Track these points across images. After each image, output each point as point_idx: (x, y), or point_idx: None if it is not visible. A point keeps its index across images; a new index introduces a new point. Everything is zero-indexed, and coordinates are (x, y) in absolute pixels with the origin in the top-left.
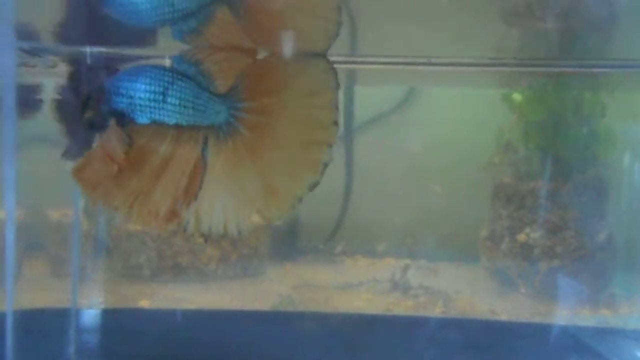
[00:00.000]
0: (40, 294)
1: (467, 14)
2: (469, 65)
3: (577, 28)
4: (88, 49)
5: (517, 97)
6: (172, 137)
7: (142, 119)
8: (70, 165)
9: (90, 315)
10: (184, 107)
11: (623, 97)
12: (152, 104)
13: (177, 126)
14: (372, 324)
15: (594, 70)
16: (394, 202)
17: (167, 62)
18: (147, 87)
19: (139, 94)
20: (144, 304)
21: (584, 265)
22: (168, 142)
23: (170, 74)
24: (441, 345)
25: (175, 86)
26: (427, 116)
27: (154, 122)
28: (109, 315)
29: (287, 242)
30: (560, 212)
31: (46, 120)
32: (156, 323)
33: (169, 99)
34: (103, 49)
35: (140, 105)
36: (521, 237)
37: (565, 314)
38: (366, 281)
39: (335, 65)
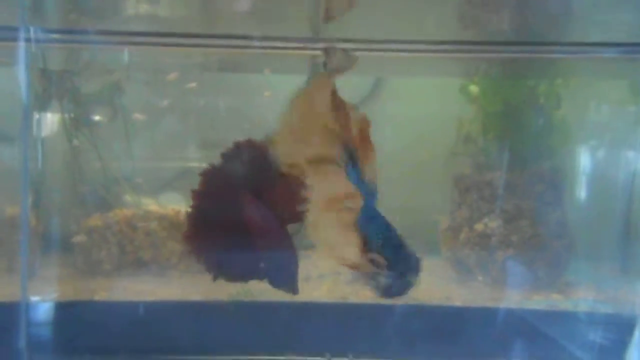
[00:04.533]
0: None
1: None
2: (428, 51)
3: (532, 15)
4: None
5: (474, 88)
6: None
7: None
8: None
9: (42, 308)
10: None
11: (578, 88)
12: None
13: None
14: (326, 313)
15: (550, 55)
16: None
17: None
18: None
19: None
20: (101, 297)
21: (539, 254)
22: None
23: None
24: (395, 329)
25: None
26: (390, 109)
27: None
28: (61, 308)
29: None
30: (516, 202)
31: None
32: (110, 315)
33: None
34: None
35: None
36: (479, 226)
37: (519, 299)
38: (328, 273)
39: (297, 51)
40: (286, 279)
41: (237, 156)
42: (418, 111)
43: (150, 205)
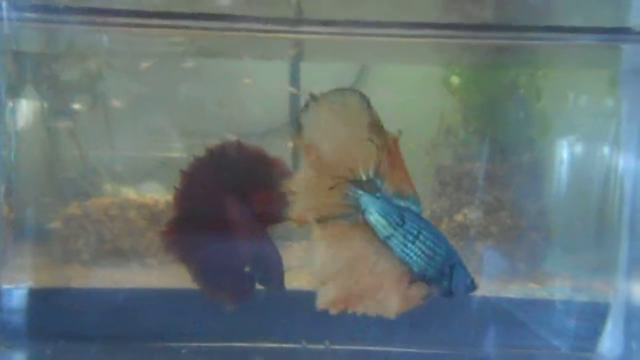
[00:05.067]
0: None
1: None
2: (411, 36)
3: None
4: None
5: (455, 80)
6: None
7: None
8: None
9: (16, 295)
10: None
11: (558, 80)
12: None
13: None
14: (303, 300)
15: (530, 42)
16: None
17: None
18: None
19: None
20: (78, 284)
21: (518, 245)
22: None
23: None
24: (371, 317)
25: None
26: (375, 98)
27: None
28: (35, 295)
29: None
30: (496, 193)
31: None
32: (86, 302)
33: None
34: None
35: None
36: (459, 217)
37: (496, 289)
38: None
39: (281, 35)
40: (273, 278)
41: (223, 156)
42: (402, 100)
43: (129, 194)
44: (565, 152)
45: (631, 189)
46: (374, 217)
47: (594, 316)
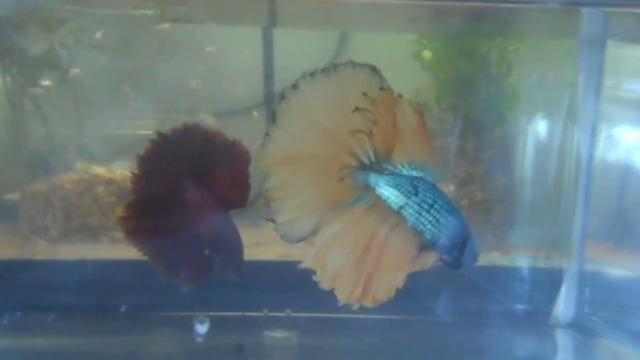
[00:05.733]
0: None
1: None
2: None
3: None
4: None
5: (427, 54)
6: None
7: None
8: None
9: None
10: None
11: (528, 55)
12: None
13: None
14: (266, 270)
15: (498, 4)
16: None
17: None
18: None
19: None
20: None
21: (486, 217)
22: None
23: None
24: None
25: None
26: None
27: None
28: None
29: None
30: (467, 167)
31: None
32: (46, 275)
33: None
34: None
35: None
36: None
37: None
38: (280, 239)
39: None
40: (232, 263)
41: (181, 139)
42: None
43: (98, 169)
44: (532, 127)
45: (586, 162)
46: (385, 190)
47: (550, 282)
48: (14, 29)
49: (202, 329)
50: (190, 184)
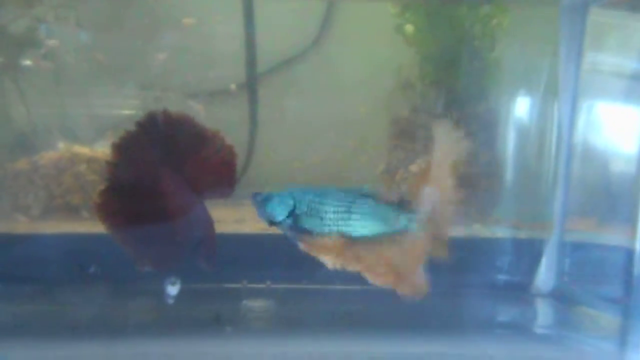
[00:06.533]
0: None
1: None
2: None
3: None
4: None
5: (409, 28)
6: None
7: (330, 234)
8: None
9: None
10: (367, 220)
11: (512, 29)
12: (340, 221)
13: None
14: (246, 243)
15: None
16: (297, 145)
17: None
18: (334, 209)
19: (327, 214)
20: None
21: (470, 191)
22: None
23: (351, 194)
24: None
25: (356, 204)
26: (334, 55)
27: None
28: None
29: None
30: None
31: None
32: (25, 248)
33: (353, 216)
34: None
35: (329, 224)
36: (413, 167)
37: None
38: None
39: None
40: (204, 254)
41: (152, 127)
42: (361, 55)
43: (80, 148)
44: (516, 102)
45: (566, 134)
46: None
47: (531, 253)
48: None
49: (173, 290)
50: (165, 172)
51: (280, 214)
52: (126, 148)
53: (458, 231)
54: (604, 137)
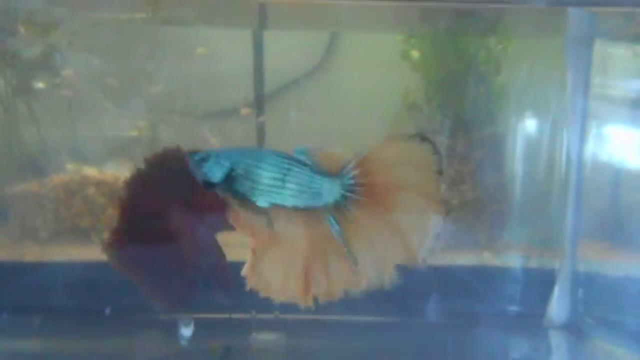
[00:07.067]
0: None
1: None
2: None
3: None
4: None
5: (415, 54)
6: (299, 219)
7: (263, 203)
8: None
9: None
10: (301, 191)
11: (516, 54)
12: (273, 189)
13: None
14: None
15: (487, 5)
16: None
17: None
18: (269, 174)
19: (262, 179)
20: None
21: (478, 217)
22: (295, 224)
23: (288, 160)
24: None
25: (292, 172)
26: (339, 79)
27: (274, 205)
28: None
29: None
30: (458, 166)
31: None
32: (35, 276)
33: (287, 185)
34: None
35: (261, 190)
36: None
37: (452, 257)
38: None
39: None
40: (218, 286)
41: (163, 165)
42: (368, 78)
43: (89, 170)
44: (522, 125)
45: (576, 160)
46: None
47: (543, 283)
48: (7, 33)
49: (187, 331)
50: (176, 209)
51: (215, 175)
52: (137, 186)
53: (468, 259)
54: (613, 161)
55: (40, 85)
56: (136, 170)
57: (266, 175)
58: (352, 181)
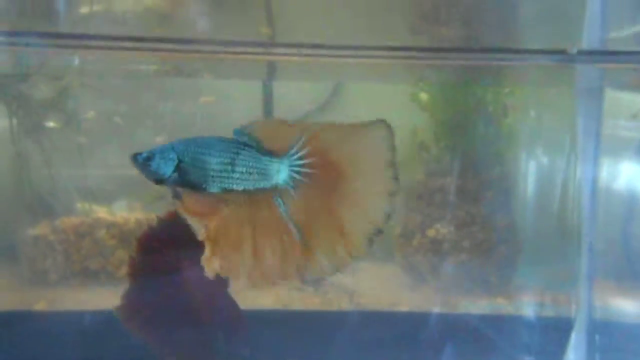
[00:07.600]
0: None
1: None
2: (381, 57)
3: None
4: None
5: (423, 96)
6: (247, 202)
7: (214, 189)
8: None
9: None
10: (249, 173)
11: (524, 97)
12: (223, 174)
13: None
14: (270, 320)
15: (495, 62)
16: None
17: None
18: (217, 159)
19: (210, 166)
20: (41, 307)
21: (489, 258)
22: (246, 207)
23: (234, 144)
24: (340, 336)
25: (240, 156)
26: (350, 114)
27: (225, 190)
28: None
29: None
30: (467, 207)
31: None
32: (46, 326)
33: (236, 168)
34: None
35: (213, 176)
36: (431, 232)
37: (466, 304)
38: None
39: (255, 57)
40: (238, 340)
41: (173, 222)
42: (374, 117)
43: (100, 212)
44: (531, 167)
45: (589, 203)
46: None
47: (559, 330)
48: (18, 79)
49: None
50: (188, 265)
51: (165, 170)
52: (148, 244)
53: (481, 307)
54: (623, 202)
55: (51, 124)
56: (148, 228)
57: (214, 162)
58: (299, 161)
